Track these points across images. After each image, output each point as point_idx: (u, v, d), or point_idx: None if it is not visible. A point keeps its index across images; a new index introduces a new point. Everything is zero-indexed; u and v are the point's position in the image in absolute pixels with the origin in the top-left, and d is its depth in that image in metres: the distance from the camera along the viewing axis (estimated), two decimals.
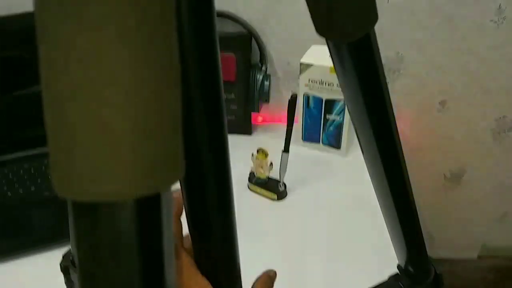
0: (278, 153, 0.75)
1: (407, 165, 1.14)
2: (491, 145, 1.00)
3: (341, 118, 0.83)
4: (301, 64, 0.80)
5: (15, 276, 0.64)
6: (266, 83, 0.88)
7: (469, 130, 0.98)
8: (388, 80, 0.92)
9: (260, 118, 0.98)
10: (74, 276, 0.49)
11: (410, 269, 0.47)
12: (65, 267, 0.51)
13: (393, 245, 0.47)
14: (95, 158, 0.13)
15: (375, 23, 0.30)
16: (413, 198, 0.43)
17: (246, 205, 0.77)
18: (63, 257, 0.52)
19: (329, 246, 0.68)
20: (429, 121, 0.97)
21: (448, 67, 0.89)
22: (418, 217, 0.45)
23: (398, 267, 0.48)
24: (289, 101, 0.68)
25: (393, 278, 0.49)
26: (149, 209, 0.14)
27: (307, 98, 0.84)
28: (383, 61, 1.01)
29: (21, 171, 0.81)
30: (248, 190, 0.80)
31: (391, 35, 0.86)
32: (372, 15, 0.30)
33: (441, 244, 1.23)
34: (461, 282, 1.37)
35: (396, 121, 1.15)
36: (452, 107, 0.95)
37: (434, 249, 1.24)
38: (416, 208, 0.44)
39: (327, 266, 0.65)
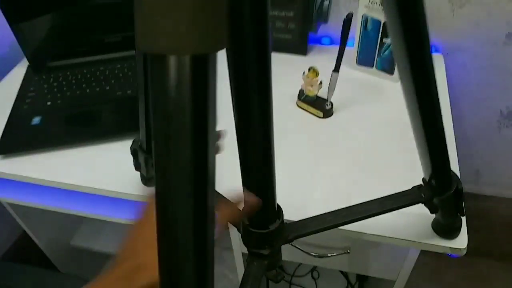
0: (330, 74, 0.78)
1: (464, 98, 1.15)
2: None
3: None
4: None
5: (87, 159, 0.76)
6: (326, 2, 0.89)
7: None
8: (455, 7, 0.88)
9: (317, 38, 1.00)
10: (141, 158, 0.59)
11: (433, 182, 0.51)
12: (134, 150, 0.61)
13: (420, 161, 0.50)
14: (166, 23, 0.18)
15: None
16: (442, 123, 0.46)
17: (294, 120, 0.83)
18: (133, 142, 0.62)
19: (365, 161, 0.73)
20: (492, 54, 0.94)
21: None
22: (445, 139, 0.48)
23: (423, 180, 0.53)
24: (344, 20, 0.69)
25: (416, 188, 0.53)
26: (201, 64, 0.20)
27: (365, 19, 0.84)
28: None
29: (98, 72, 0.92)
30: (297, 106, 0.85)
31: None
32: None
33: (487, 181, 1.23)
34: (504, 221, 1.38)
35: (459, 52, 1.14)
36: None
37: (480, 185, 1.25)
38: (444, 132, 0.47)
39: (360, 178, 0.70)
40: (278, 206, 0.46)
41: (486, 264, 1.55)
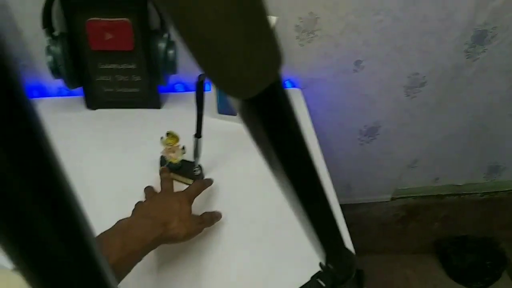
0: (193, 127, 0.67)
1: (327, 124, 1.13)
2: (404, 100, 1.02)
3: None
4: None
5: None
6: (171, 51, 0.80)
7: (383, 88, 0.98)
8: (303, 42, 0.87)
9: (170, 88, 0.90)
10: None
11: (331, 267, 0.46)
12: None
13: (312, 245, 0.45)
14: None
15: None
16: (328, 203, 0.41)
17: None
18: None
19: (243, 228, 0.67)
20: (346, 80, 0.96)
21: (362, 26, 0.86)
22: (335, 221, 0.43)
23: (320, 265, 0.47)
24: (196, 84, 0.61)
25: (316, 276, 0.48)
26: None
27: None
28: (298, 22, 0.95)
29: None
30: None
31: None
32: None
33: (358, 192, 1.28)
34: (377, 221, 1.48)
35: (315, 84, 1.11)
36: (367, 66, 0.93)
37: (352, 197, 1.30)
38: (333, 214, 0.42)
39: (236, 250, 0.64)
40: None
41: (370, 259, 1.65)
